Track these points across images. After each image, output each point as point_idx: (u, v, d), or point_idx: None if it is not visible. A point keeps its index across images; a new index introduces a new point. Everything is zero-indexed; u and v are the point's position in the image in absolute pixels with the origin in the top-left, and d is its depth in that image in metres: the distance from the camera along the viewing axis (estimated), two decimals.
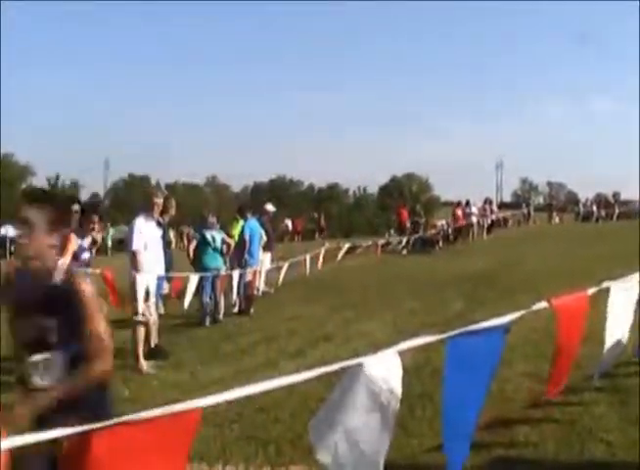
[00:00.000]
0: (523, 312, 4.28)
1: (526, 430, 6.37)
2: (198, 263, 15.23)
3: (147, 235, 10.71)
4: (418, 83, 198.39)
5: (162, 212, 11.82)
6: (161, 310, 11.25)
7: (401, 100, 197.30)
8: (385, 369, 3.29)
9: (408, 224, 39.24)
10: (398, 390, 3.31)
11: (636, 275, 5.84)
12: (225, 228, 16.72)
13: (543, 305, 4.44)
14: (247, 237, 16.63)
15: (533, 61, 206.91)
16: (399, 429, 6.60)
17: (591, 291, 4.97)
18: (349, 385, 3.24)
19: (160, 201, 11.14)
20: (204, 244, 15.23)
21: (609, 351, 6.01)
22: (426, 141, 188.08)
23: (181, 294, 14.41)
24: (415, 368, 8.76)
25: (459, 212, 38.55)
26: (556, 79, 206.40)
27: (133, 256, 10.65)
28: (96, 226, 9.67)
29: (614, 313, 5.73)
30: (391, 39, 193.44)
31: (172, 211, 12.37)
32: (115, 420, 2.66)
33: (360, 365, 3.23)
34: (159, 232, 11.18)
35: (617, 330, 5.93)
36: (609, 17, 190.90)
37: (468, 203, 39.58)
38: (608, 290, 5.50)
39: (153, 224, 10.98)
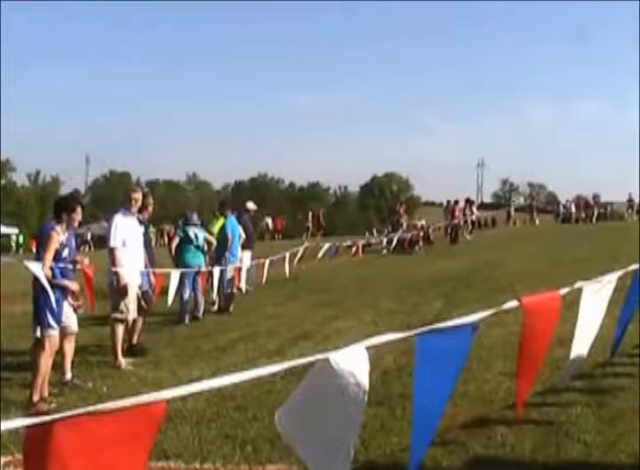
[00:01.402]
0: (492, 311, 4.29)
1: (504, 430, 6.38)
2: (179, 261, 15.19)
3: (126, 232, 10.67)
4: (401, 83, 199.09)
5: (142, 210, 11.74)
6: (145, 307, 11.18)
7: (384, 100, 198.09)
8: (352, 364, 3.30)
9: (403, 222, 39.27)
10: (365, 384, 3.33)
11: (609, 276, 5.88)
12: (205, 226, 16.68)
13: (514, 303, 4.45)
14: (229, 235, 16.60)
15: (518, 62, 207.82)
16: (380, 428, 6.63)
17: (564, 291, 4.99)
18: (317, 379, 3.25)
19: (137, 196, 11.07)
20: (186, 241, 15.22)
21: (577, 351, 6.05)
22: (407, 141, 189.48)
23: (162, 291, 14.37)
24: (397, 369, 8.81)
25: (457, 211, 38.65)
26: (539, 81, 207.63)
27: (111, 252, 10.60)
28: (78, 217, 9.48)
29: (584, 314, 5.76)
30: (377, 40, 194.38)
31: (151, 209, 12.28)
32: (78, 411, 2.64)
33: (327, 360, 3.23)
34: (139, 229, 11.14)
35: (586, 331, 5.97)
36: (595, 21, 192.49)
37: (457, 202, 39.79)
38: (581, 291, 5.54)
39: (133, 221, 10.94)
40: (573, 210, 55.59)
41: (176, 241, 15.29)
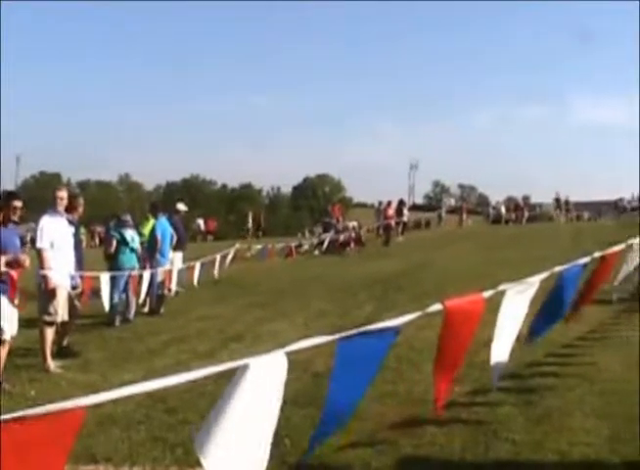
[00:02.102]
0: (417, 315, 4.34)
1: (433, 430, 6.44)
2: (114, 263, 15.09)
3: (54, 233, 10.52)
4: (336, 86, 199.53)
5: (72, 210, 11.59)
6: (78, 308, 11.08)
7: (317, 102, 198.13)
8: (271, 370, 3.32)
9: (341, 222, 39.34)
10: (281, 389, 3.35)
11: (533, 278, 5.97)
12: (137, 227, 16.58)
13: (438, 307, 4.51)
14: (159, 236, 16.52)
15: (453, 67, 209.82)
16: (310, 429, 6.64)
17: (487, 294, 5.06)
18: (236, 384, 3.26)
19: (62, 194, 10.89)
20: (123, 243, 15.12)
21: (498, 353, 6.14)
22: (339, 143, 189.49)
23: (92, 293, 14.24)
24: (327, 371, 8.81)
25: (390, 212, 38.80)
26: (471, 84, 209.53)
27: (39, 254, 10.46)
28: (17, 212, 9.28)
29: (506, 316, 5.85)
30: (314, 42, 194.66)
31: (81, 209, 12.13)
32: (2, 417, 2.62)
33: (246, 366, 3.24)
34: (69, 230, 11.00)
35: (507, 332, 6.06)
36: (536, 26, 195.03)
37: (389, 203, 39.98)
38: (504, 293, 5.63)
39: (62, 222, 10.79)
40: (504, 211, 56.33)
41: (114, 243, 15.16)
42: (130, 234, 15.29)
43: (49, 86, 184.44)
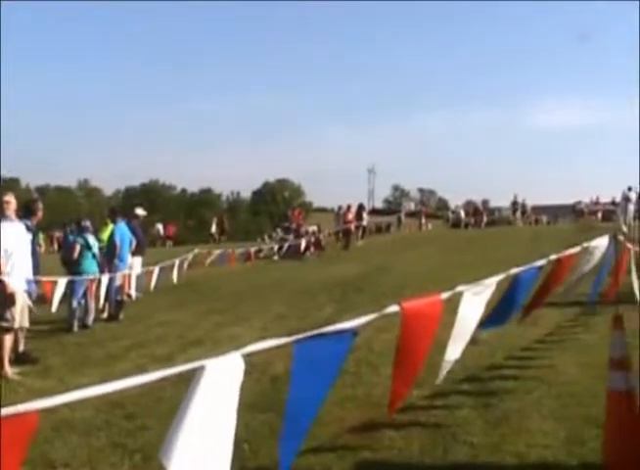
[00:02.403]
0: (374, 316, 4.34)
1: (392, 434, 6.45)
2: (77, 268, 14.99)
3: (10, 239, 10.39)
4: (295, 91, 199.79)
5: (30, 215, 11.52)
6: (35, 314, 11.00)
7: (277, 107, 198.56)
8: (227, 372, 3.32)
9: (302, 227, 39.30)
10: (237, 391, 3.34)
11: (490, 280, 6.01)
12: (96, 232, 16.51)
13: (395, 308, 4.52)
14: (117, 241, 16.45)
15: (407, 70, 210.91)
16: (269, 434, 6.62)
17: (445, 296, 5.09)
18: (193, 388, 3.25)
19: (8, 198, 10.73)
20: (86, 249, 15.05)
21: (452, 353, 6.17)
22: (299, 147, 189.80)
23: (51, 299, 14.16)
24: (286, 374, 8.80)
25: (350, 216, 38.84)
26: (428, 88, 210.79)
27: None
28: None
29: (462, 318, 5.88)
30: (268, 46, 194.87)
31: (40, 214, 12.04)
32: None
33: (203, 368, 3.24)
34: (27, 236, 10.90)
35: (463, 334, 6.09)
36: (484, 30, 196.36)
37: (349, 207, 40.03)
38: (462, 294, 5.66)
39: (17, 227, 10.66)
40: (463, 215, 56.71)
41: (78, 248, 15.07)
42: (92, 240, 15.27)
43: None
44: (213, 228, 55.68)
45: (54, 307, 14.00)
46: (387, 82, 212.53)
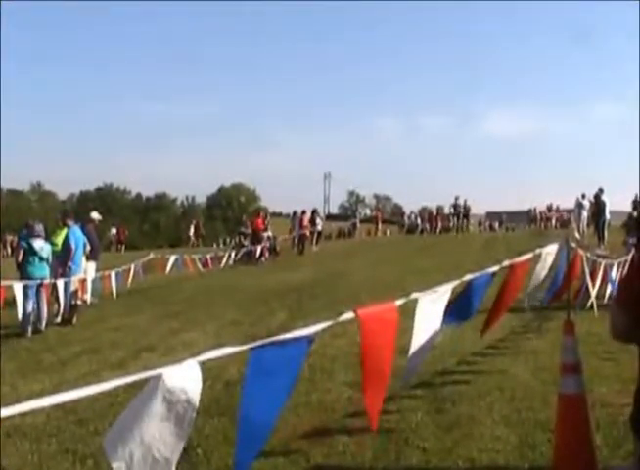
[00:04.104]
0: (329, 323, 4.36)
1: (345, 439, 6.46)
2: (23, 273, 14.87)
3: None
4: (249, 95, 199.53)
5: None
6: None
7: (230, 111, 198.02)
8: (184, 379, 3.31)
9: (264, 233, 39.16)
10: (196, 400, 3.34)
11: (445, 287, 6.05)
12: (49, 237, 16.37)
13: (350, 315, 4.54)
14: (72, 245, 16.32)
15: (363, 77, 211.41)
16: (223, 440, 6.61)
17: (399, 302, 5.12)
18: (148, 395, 3.24)
19: None
20: (30, 253, 14.89)
21: (413, 359, 6.21)
22: (254, 152, 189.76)
23: (4, 304, 14.02)
24: (240, 380, 8.79)
25: (305, 221, 38.77)
26: (384, 96, 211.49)
27: None
28: None
29: (420, 324, 5.92)
30: (224, 49, 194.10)
31: None
32: None
33: (160, 376, 3.23)
34: None
35: (421, 340, 6.14)
36: (436, 35, 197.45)
37: (304, 212, 39.98)
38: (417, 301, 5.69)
39: None
40: (419, 221, 57.03)
41: (21, 253, 14.95)
42: (39, 243, 15.07)
43: None
44: (191, 232, 55.60)
45: (19, 314, 14.00)
46: (342, 88, 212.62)
